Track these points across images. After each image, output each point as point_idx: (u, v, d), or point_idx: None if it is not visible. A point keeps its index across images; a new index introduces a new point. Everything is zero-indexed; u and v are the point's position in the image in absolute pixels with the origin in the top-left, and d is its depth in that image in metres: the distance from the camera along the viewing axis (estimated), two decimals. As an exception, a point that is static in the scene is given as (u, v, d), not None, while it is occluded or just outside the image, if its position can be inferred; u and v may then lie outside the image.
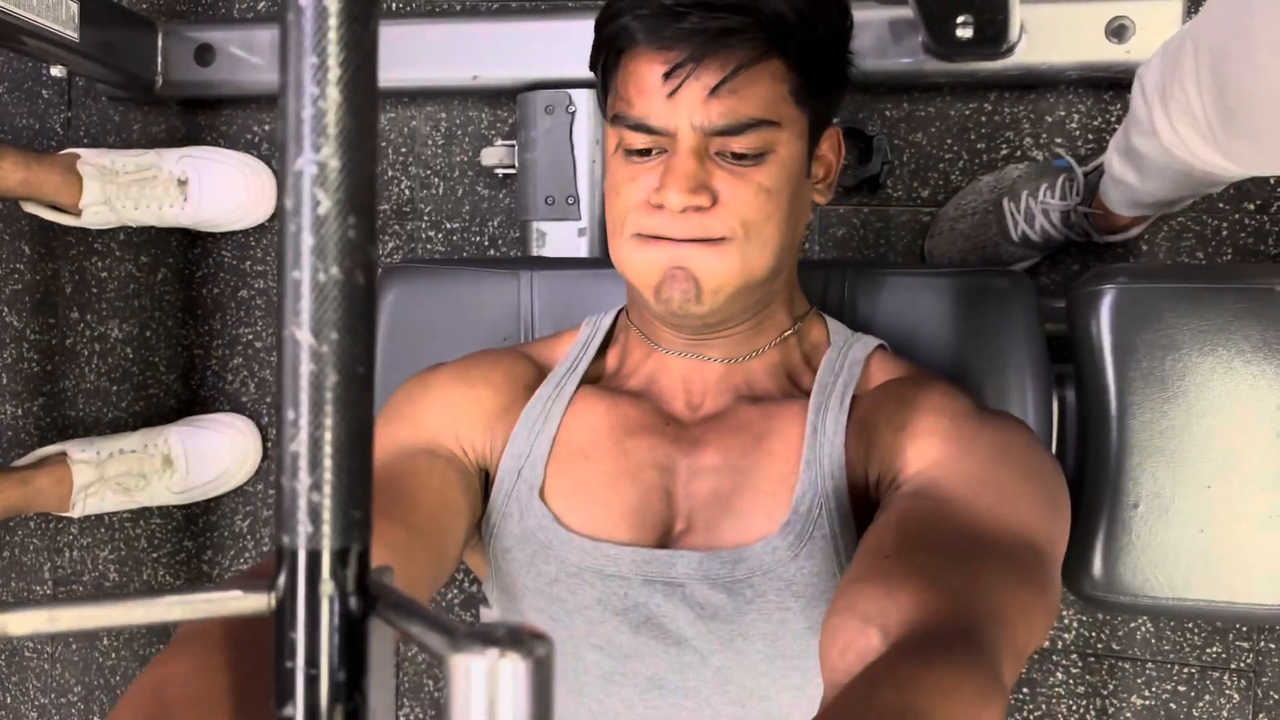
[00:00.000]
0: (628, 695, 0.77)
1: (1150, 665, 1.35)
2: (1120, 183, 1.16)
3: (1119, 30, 1.26)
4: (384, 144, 1.55)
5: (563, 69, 1.38)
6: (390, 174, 1.55)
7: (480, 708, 0.23)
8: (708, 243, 0.72)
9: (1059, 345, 1.01)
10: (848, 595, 0.59)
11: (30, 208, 1.47)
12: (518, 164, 1.41)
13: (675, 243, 0.72)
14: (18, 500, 1.42)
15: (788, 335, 0.82)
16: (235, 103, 1.58)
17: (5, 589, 1.68)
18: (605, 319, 0.88)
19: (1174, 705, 1.34)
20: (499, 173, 1.47)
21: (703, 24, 0.69)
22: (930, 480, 0.69)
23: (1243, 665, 1.32)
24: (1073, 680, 1.37)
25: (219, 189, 1.51)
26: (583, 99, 1.36)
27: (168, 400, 1.62)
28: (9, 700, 1.68)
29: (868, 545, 0.64)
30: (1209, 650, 1.33)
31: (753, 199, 0.72)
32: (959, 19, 1.20)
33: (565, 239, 1.38)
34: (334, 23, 0.27)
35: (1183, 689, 1.34)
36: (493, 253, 1.53)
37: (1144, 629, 1.35)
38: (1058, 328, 1.03)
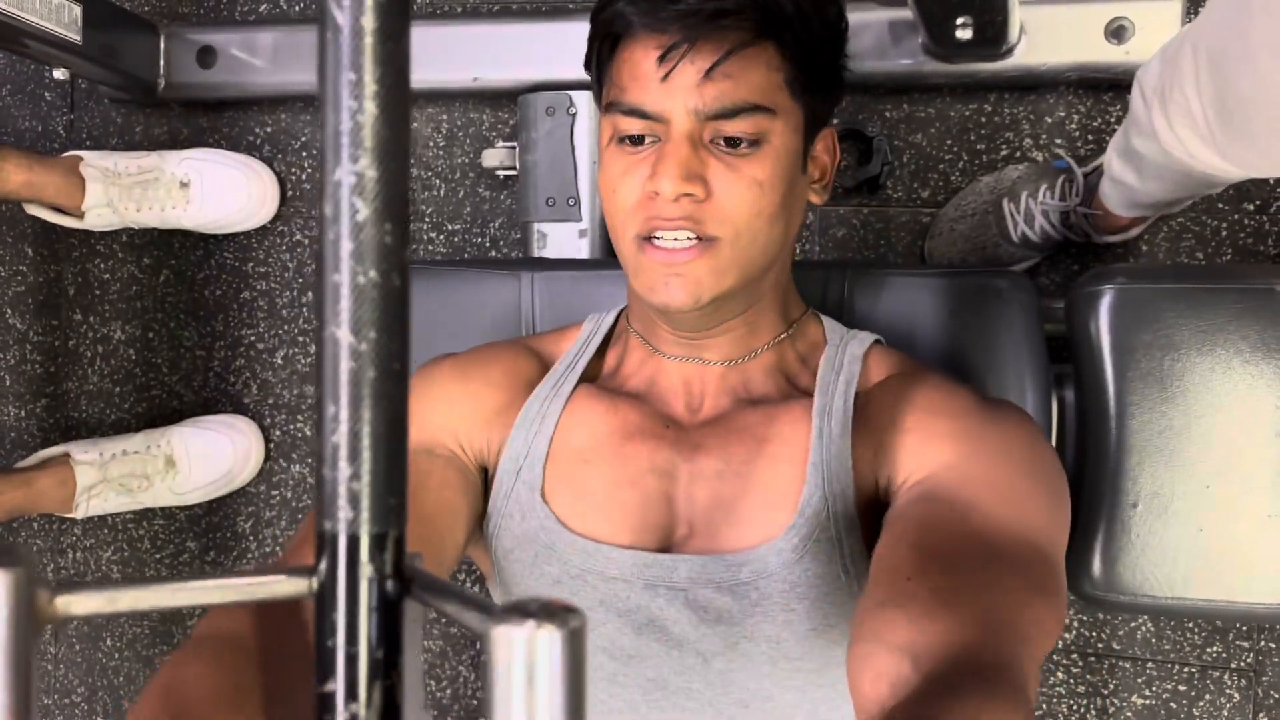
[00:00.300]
0: (631, 697, 0.77)
1: (1151, 665, 1.35)
2: (1120, 184, 1.16)
3: (1118, 31, 1.26)
4: (385, 146, 1.56)
5: (563, 71, 1.39)
6: (392, 176, 1.55)
7: (520, 676, 0.24)
8: (702, 246, 0.72)
9: (1058, 345, 1.02)
10: (874, 622, 0.60)
11: (33, 210, 1.48)
12: (519, 165, 1.41)
13: (671, 252, 0.72)
14: (21, 501, 1.42)
15: (783, 337, 0.82)
16: (237, 105, 1.58)
17: (8, 590, 1.69)
18: (607, 318, 0.88)
19: (1174, 705, 1.34)
20: (500, 174, 1.48)
21: (698, 6, 0.70)
22: (940, 486, 0.69)
23: (1243, 664, 1.32)
24: (1073, 680, 1.37)
25: (221, 191, 1.52)
26: (584, 101, 1.37)
27: (170, 402, 1.63)
28: (12, 701, 1.69)
29: (886, 563, 0.65)
30: (1209, 650, 1.33)
31: (745, 193, 0.72)
32: (958, 20, 1.21)
33: (566, 240, 1.38)
34: (369, 41, 0.28)
35: (1183, 688, 1.34)
36: (494, 254, 1.53)
37: (1144, 628, 1.35)
38: (1057, 328, 1.03)
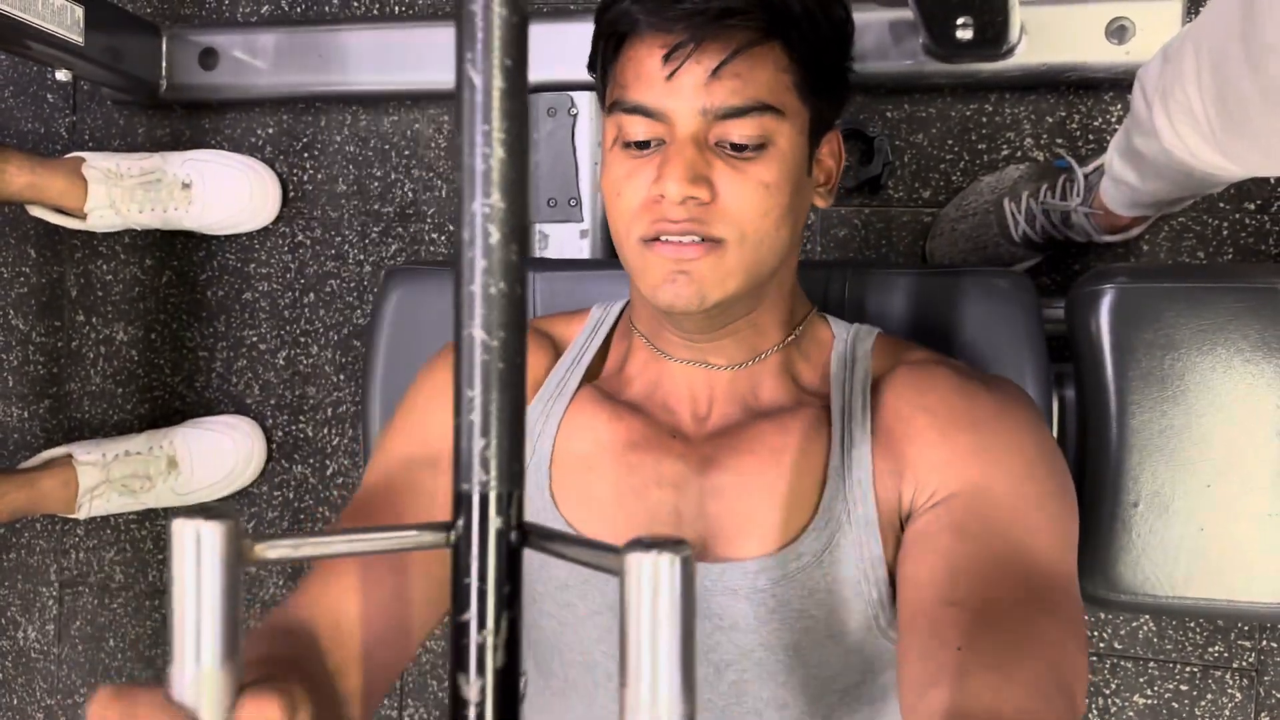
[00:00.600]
0: None
1: (1152, 664, 1.35)
2: (1121, 183, 1.16)
3: (1119, 31, 1.26)
4: (387, 147, 1.56)
5: (565, 71, 1.38)
6: (393, 176, 1.56)
7: (648, 592, 0.33)
8: (708, 245, 0.70)
9: (1059, 345, 1.02)
10: (927, 701, 0.60)
11: (36, 211, 1.48)
12: (520, 166, 1.41)
13: (678, 247, 0.70)
14: (24, 502, 1.43)
15: (790, 340, 0.80)
16: (239, 106, 1.59)
17: (12, 590, 1.69)
18: (613, 309, 0.87)
19: (1176, 704, 1.34)
20: (502, 175, 1.48)
21: (704, 5, 0.68)
22: (970, 514, 0.69)
23: (1245, 664, 1.32)
24: (1075, 679, 1.37)
25: (223, 192, 1.52)
26: (585, 101, 1.37)
27: (172, 402, 1.63)
28: (15, 701, 1.69)
29: (926, 620, 0.65)
30: (1211, 649, 1.33)
31: (751, 195, 0.70)
32: (959, 20, 1.21)
33: (567, 240, 1.38)
34: (498, 98, 0.35)
35: (1185, 688, 1.34)
36: (496, 254, 1.53)
37: (1145, 628, 1.35)
38: (1058, 327, 1.03)
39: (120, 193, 1.47)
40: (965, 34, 1.21)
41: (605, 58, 0.76)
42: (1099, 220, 1.26)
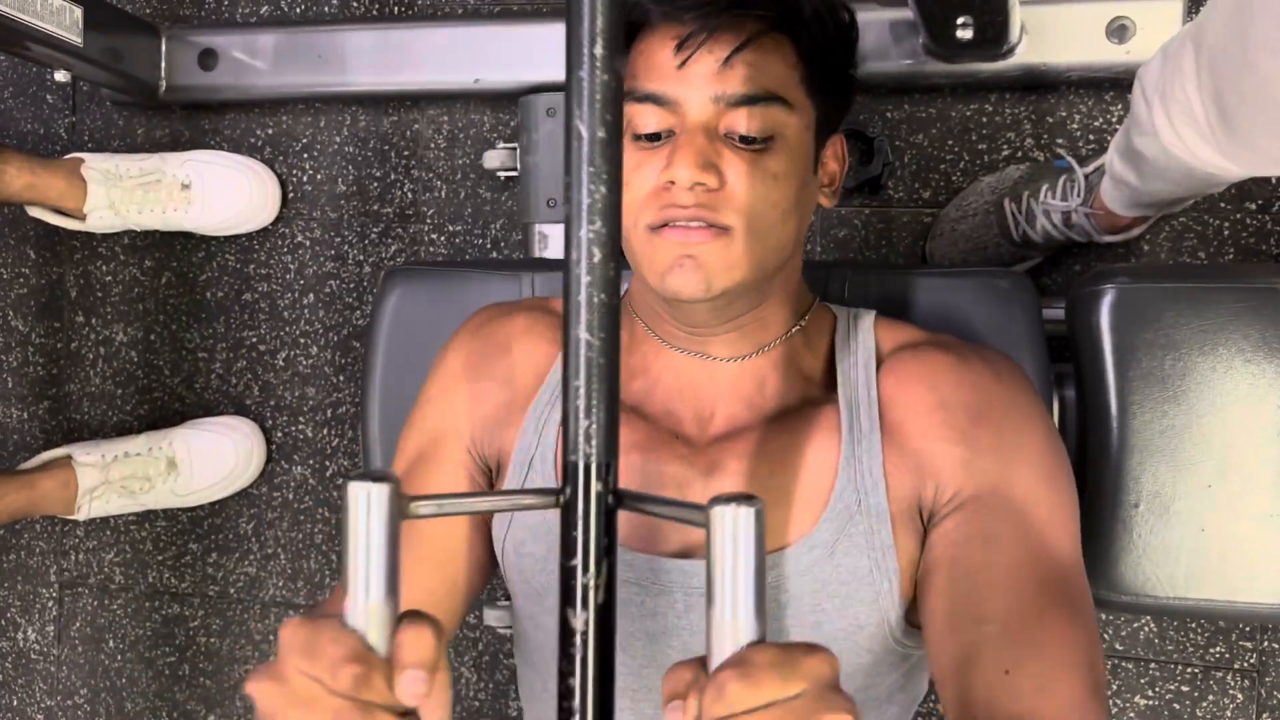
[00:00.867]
0: (645, 711, 0.76)
1: (1153, 665, 1.35)
2: (1121, 183, 1.16)
3: (1119, 31, 1.26)
4: (386, 148, 1.56)
5: (564, 71, 1.38)
6: (393, 177, 1.56)
7: (730, 537, 0.43)
8: (715, 231, 0.70)
9: (1059, 345, 1.02)
10: None
11: (35, 212, 1.48)
12: (520, 167, 1.41)
13: (685, 230, 0.70)
14: (23, 504, 1.42)
15: (794, 332, 0.80)
16: (239, 107, 1.59)
17: (12, 591, 1.69)
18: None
19: (1177, 705, 1.34)
20: (501, 175, 1.48)
21: None
22: (993, 519, 0.72)
23: (1246, 665, 1.32)
24: (1076, 680, 1.37)
25: (223, 193, 1.52)
26: (584, 102, 1.37)
27: (172, 403, 1.63)
28: (15, 703, 1.69)
29: (967, 643, 0.68)
30: (1212, 650, 1.33)
31: (759, 185, 0.71)
32: (959, 20, 1.21)
33: (567, 241, 1.38)
34: (599, 146, 0.45)
35: (1186, 689, 1.34)
36: (495, 255, 1.53)
37: (1147, 629, 1.35)
38: (1058, 328, 1.03)
39: (119, 194, 1.47)
40: (965, 34, 1.21)
41: None
42: (1099, 220, 1.26)
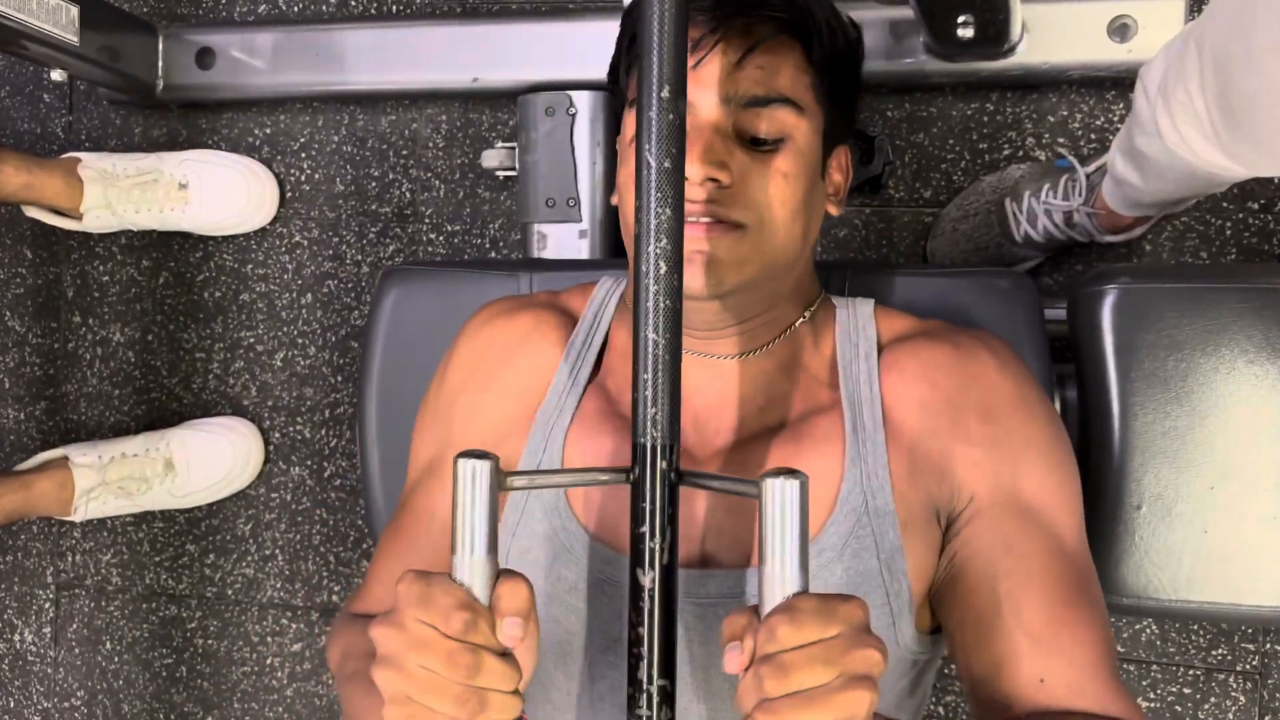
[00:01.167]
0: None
1: (1155, 667, 1.34)
2: (1123, 183, 1.16)
3: (1121, 29, 1.25)
4: (385, 147, 1.55)
5: (563, 71, 1.38)
6: (391, 177, 1.55)
7: (779, 505, 0.53)
8: (725, 227, 0.70)
9: (1061, 345, 1.01)
10: None
11: (32, 212, 1.47)
12: (518, 166, 1.41)
13: (696, 227, 0.70)
14: (20, 504, 1.42)
15: (799, 324, 0.80)
16: (236, 106, 1.58)
17: (9, 593, 1.68)
18: (616, 293, 0.86)
19: (1179, 708, 1.33)
20: (500, 175, 1.47)
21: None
22: (1012, 523, 0.74)
23: (1248, 667, 1.32)
24: (1077, 682, 1.36)
25: (220, 192, 1.51)
26: (583, 101, 1.36)
27: (170, 404, 1.62)
28: (12, 705, 1.68)
29: (1001, 652, 0.72)
30: (1214, 652, 1.32)
31: (770, 183, 0.72)
32: (960, 19, 1.20)
33: (566, 241, 1.38)
34: (665, 174, 0.57)
35: (1188, 691, 1.33)
36: (494, 255, 1.53)
37: (1148, 631, 1.34)
38: (1060, 328, 1.02)
39: (116, 193, 1.46)
40: (966, 32, 1.21)
41: (630, 55, 0.77)
42: (1101, 220, 1.25)
